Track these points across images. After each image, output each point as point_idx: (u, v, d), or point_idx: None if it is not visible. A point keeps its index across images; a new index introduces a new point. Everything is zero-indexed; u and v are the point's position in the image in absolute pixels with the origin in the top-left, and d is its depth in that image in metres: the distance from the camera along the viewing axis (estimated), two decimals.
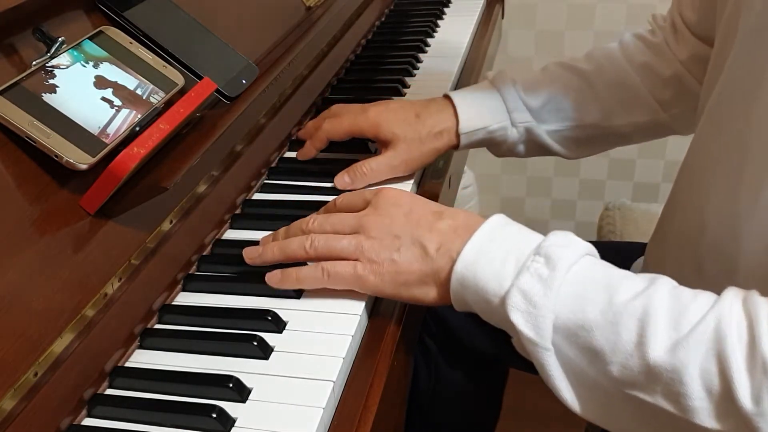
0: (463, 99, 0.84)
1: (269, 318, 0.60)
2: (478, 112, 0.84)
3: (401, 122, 0.81)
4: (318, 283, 0.61)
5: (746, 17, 0.60)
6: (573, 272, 0.53)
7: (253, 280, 0.65)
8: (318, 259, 0.61)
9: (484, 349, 0.93)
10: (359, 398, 0.54)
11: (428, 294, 0.60)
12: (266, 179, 0.82)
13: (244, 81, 0.74)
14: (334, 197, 0.69)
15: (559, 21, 1.77)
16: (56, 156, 0.55)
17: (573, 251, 0.54)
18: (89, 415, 0.54)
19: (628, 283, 0.52)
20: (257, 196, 0.79)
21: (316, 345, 0.58)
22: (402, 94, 1.01)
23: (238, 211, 0.76)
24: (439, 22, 1.29)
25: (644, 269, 0.82)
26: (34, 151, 0.55)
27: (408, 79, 1.06)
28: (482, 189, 1.98)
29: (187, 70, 0.70)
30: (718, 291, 0.51)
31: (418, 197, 0.64)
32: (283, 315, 0.61)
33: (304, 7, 0.99)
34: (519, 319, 0.53)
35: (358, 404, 0.54)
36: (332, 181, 0.79)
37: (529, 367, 1.00)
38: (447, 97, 0.85)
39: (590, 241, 0.57)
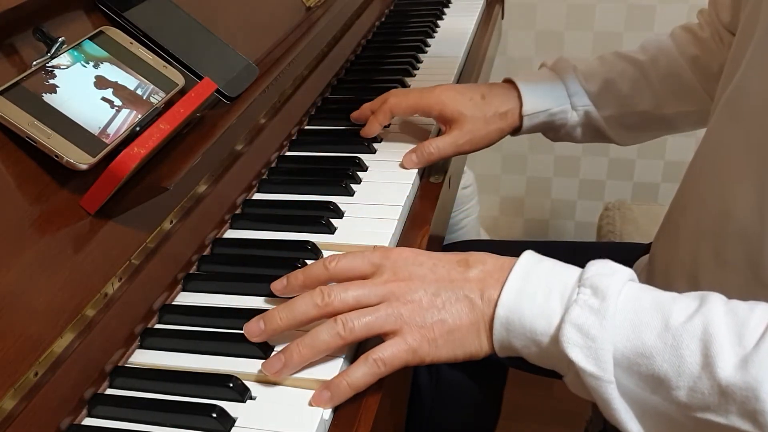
0: (526, 83, 0.87)
1: None
2: (541, 95, 0.86)
3: (467, 102, 0.84)
4: (376, 377, 0.54)
5: (767, 9, 0.61)
6: (622, 300, 0.51)
7: (253, 280, 0.65)
8: (355, 340, 0.55)
9: None
10: (359, 398, 0.54)
11: (482, 346, 0.56)
12: (266, 179, 0.82)
13: (244, 81, 0.74)
14: (317, 261, 0.60)
15: (559, 21, 1.77)
16: (56, 156, 0.55)
17: (618, 279, 0.52)
18: (89, 415, 0.54)
19: (679, 304, 0.50)
20: (257, 196, 0.79)
21: None
22: None
23: (238, 211, 0.76)
24: (439, 22, 1.29)
25: (650, 267, 0.82)
26: (35, 151, 0.55)
27: (408, 80, 1.06)
28: (482, 189, 1.98)
29: (188, 70, 0.70)
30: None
31: (430, 252, 0.60)
32: None
33: (304, 7, 0.99)
34: (578, 354, 0.50)
35: (358, 404, 0.54)
36: (332, 181, 0.79)
37: (528, 367, 1.00)
38: (510, 81, 0.88)
39: (590, 242, 0.57)
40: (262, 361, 0.56)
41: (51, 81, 0.58)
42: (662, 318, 0.49)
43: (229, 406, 0.52)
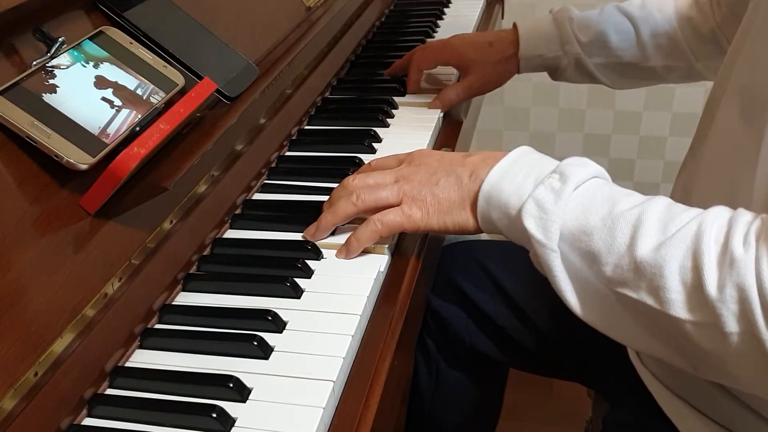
0: (526, 29, 1.01)
1: (269, 318, 0.60)
2: (536, 41, 1.00)
3: (478, 50, 1.00)
4: (376, 235, 0.66)
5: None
6: (584, 187, 0.59)
7: (253, 280, 0.65)
8: (366, 211, 0.67)
9: (484, 349, 0.93)
10: (359, 398, 0.54)
11: (468, 219, 0.65)
12: (266, 179, 0.82)
13: (244, 81, 0.74)
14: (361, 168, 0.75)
15: None
16: (57, 156, 0.55)
17: (585, 171, 0.60)
18: (89, 415, 0.54)
19: (630, 198, 0.58)
20: (257, 196, 0.79)
21: (316, 345, 0.58)
22: (402, 94, 1.01)
23: (238, 211, 0.76)
24: (439, 22, 1.29)
25: None
26: (35, 151, 0.55)
27: None
28: None
29: (187, 70, 0.70)
30: None
31: (448, 151, 0.72)
32: (283, 315, 0.61)
33: (304, 7, 0.99)
34: (531, 223, 0.58)
35: (358, 404, 0.54)
36: (332, 181, 0.79)
37: (529, 367, 1.00)
38: (515, 26, 1.02)
39: None
40: (263, 361, 0.56)
41: (51, 81, 0.58)
42: (610, 205, 0.57)
43: (229, 406, 0.52)
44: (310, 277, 0.65)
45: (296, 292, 0.63)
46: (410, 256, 0.71)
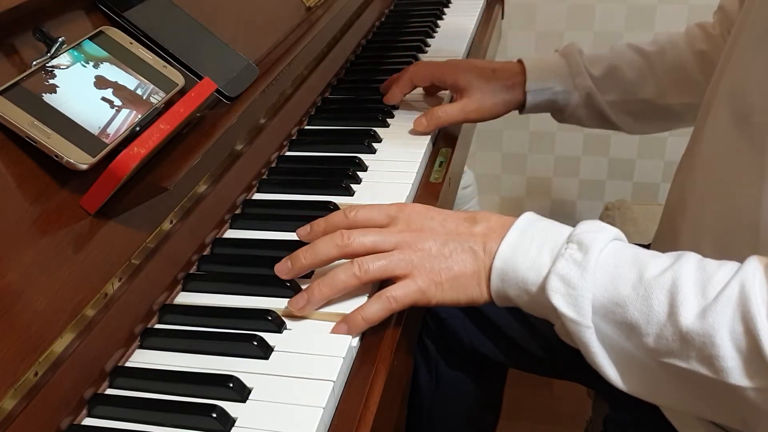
0: (532, 62, 0.93)
1: (269, 318, 0.60)
2: (545, 73, 0.93)
3: (479, 74, 0.91)
4: (389, 312, 0.60)
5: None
6: (604, 255, 0.56)
7: (253, 280, 0.65)
8: (369, 280, 0.61)
9: (484, 349, 0.93)
10: (359, 398, 0.54)
11: (482, 293, 0.61)
12: (266, 179, 0.82)
13: (244, 81, 0.74)
14: (338, 210, 0.67)
15: (559, 21, 1.77)
16: (56, 156, 0.55)
17: (603, 236, 0.57)
18: (89, 415, 0.54)
19: (656, 260, 0.55)
20: (257, 196, 0.79)
21: (316, 345, 0.58)
22: None
23: (238, 211, 0.76)
24: (439, 22, 1.29)
25: None
26: (35, 151, 0.55)
27: None
28: (482, 189, 1.98)
29: (187, 70, 0.70)
30: None
31: (440, 209, 0.65)
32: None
33: (304, 7, 0.99)
34: (560, 301, 0.56)
35: (358, 404, 0.54)
36: (332, 181, 0.79)
37: (528, 367, 1.00)
38: (520, 61, 0.94)
39: None
40: (263, 361, 0.56)
41: (51, 81, 0.58)
42: (638, 271, 0.54)
43: (229, 406, 0.52)
44: (310, 277, 0.65)
45: (296, 292, 0.63)
46: None
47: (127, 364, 0.58)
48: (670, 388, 0.55)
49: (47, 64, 0.59)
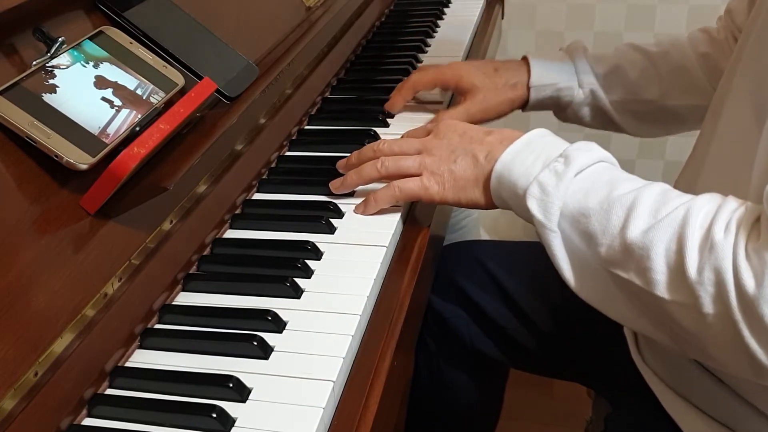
0: (537, 59, 0.94)
1: (269, 318, 0.60)
2: (549, 70, 0.93)
3: (481, 74, 0.92)
4: (393, 199, 0.72)
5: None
6: (588, 171, 0.62)
7: (253, 280, 0.65)
8: (388, 177, 0.72)
9: (484, 349, 0.93)
10: (359, 398, 0.54)
11: (480, 196, 0.69)
12: (266, 179, 0.82)
13: (244, 81, 0.74)
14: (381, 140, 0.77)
15: (559, 21, 1.77)
16: (56, 156, 0.55)
17: (589, 156, 0.62)
18: (89, 415, 0.54)
19: (629, 182, 0.60)
20: (257, 196, 0.79)
21: (316, 345, 0.58)
22: None
23: (238, 211, 0.76)
24: (439, 22, 1.29)
25: None
26: (35, 151, 0.55)
27: None
28: None
29: (187, 70, 0.70)
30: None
31: (472, 125, 0.74)
32: (283, 315, 0.61)
33: (304, 7, 0.99)
34: (533, 204, 0.62)
35: (358, 404, 0.54)
36: (333, 179, 0.79)
37: (529, 367, 1.00)
38: (524, 57, 0.95)
39: None
40: (263, 361, 0.56)
41: (51, 81, 0.58)
42: (609, 189, 0.59)
43: (229, 406, 0.52)
44: (310, 277, 0.65)
45: (296, 292, 0.63)
46: (410, 256, 0.71)
47: (127, 364, 0.58)
48: (616, 298, 0.60)
49: (47, 64, 0.59)
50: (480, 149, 0.69)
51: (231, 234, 0.73)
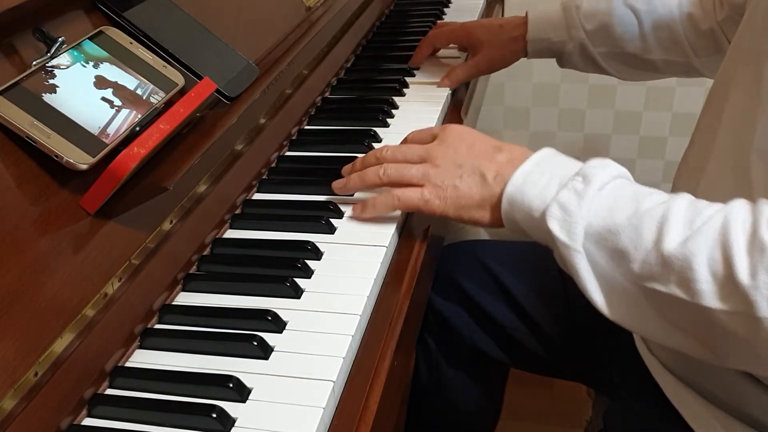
0: (535, 14, 1.05)
1: (269, 318, 0.60)
2: (544, 25, 1.04)
3: (488, 31, 1.06)
4: (390, 207, 0.71)
5: None
6: (608, 188, 0.61)
7: (253, 280, 0.65)
8: (390, 184, 0.71)
9: (485, 348, 0.93)
10: (359, 398, 0.54)
11: (484, 216, 0.67)
12: (266, 179, 0.82)
13: (244, 81, 0.74)
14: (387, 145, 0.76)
15: None
16: (56, 156, 0.55)
17: (608, 172, 0.61)
18: (89, 415, 0.54)
19: (654, 196, 0.59)
20: (257, 196, 0.79)
21: (316, 345, 0.58)
22: (402, 95, 1.01)
23: (238, 211, 0.76)
24: (439, 22, 1.29)
25: None
26: (35, 151, 0.55)
27: (408, 79, 1.06)
28: None
29: (187, 70, 0.70)
30: None
31: (480, 133, 0.72)
32: (283, 315, 0.61)
33: (304, 7, 0.99)
34: (555, 226, 0.60)
35: (358, 404, 0.54)
36: (333, 180, 0.79)
37: (529, 366, 1.00)
38: (527, 13, 1.06)
39: None
40: (263, 361, 0.56)
41: (51, 81, 0.58)
42: (635, 204, 0.58)
43: (229, 406, 0.52)
44: (310, 277, 0.65)
45: (296, 292, 0.63)
46: (411, 255, 0.71)
47: (127, 364, 0.58)
48: (650, 315, 0.58)
49: (47, 64, 0.59)
50: (488, 168, 0.67)
51: (231, 234, 0.73)
